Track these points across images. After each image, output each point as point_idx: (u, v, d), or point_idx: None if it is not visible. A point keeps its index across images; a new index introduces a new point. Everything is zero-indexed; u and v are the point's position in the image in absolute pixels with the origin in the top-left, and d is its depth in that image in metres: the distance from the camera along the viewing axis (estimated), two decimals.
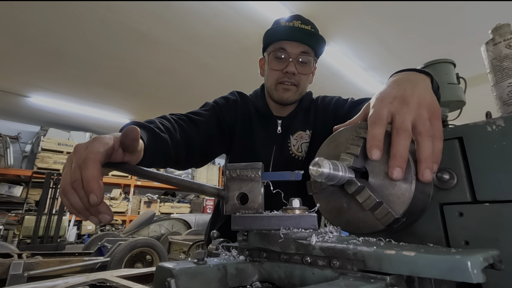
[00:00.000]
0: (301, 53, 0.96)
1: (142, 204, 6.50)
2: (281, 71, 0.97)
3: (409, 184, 0.39)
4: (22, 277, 2.21)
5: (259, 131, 1.05)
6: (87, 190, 0.43)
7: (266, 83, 1.06)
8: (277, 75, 0.99)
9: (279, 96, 1.00)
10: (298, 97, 1.02)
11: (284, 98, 1.00)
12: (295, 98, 1.01)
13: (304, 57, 0.97)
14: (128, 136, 0.49)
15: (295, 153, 1.02)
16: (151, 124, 0.76)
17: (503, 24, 0.57)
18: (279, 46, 0.97)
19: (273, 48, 0.99)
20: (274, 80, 1.00)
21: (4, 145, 5.26)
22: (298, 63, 0.97)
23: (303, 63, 0.98)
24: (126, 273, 0.79)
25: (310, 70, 1.00)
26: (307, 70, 0.99)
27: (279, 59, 0.98)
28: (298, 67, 0.97)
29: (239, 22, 2.92)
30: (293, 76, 0.97)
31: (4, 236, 4.17)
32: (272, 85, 1.01)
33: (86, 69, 3.96)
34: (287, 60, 0.96)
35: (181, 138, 0.86)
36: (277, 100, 1.03)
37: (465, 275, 0.24)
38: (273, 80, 1.00)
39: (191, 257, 3.06)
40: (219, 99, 1.09)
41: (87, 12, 2.84)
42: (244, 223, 0.42)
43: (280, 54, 0.97)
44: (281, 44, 0.97)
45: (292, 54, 0.96)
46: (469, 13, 2.82)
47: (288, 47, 0.96)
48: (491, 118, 0.43)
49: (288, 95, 0.99)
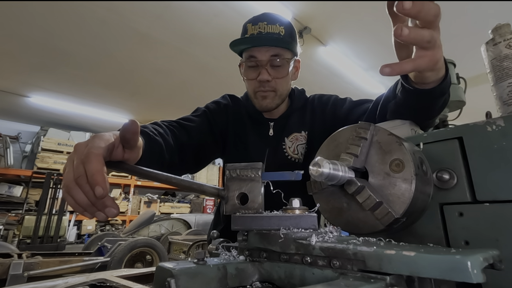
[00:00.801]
0: (271, 57, 0.92)
1: (142, 204, 6.50)
2: (256, 80, 0.94)
3: (409, 184, 0.39)
4: (22, 277, 2.21)
5: (251, 134, 1.03)
6: (92, 183, 0.43)
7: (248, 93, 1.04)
8: (253, 84, 0.96)
9: (259, 104, 0.98)
10: (279, 101, 0.98)
11: (263, 106, 0.97)
12: (276, 103, 0.98)
13: (275, 61, 0.92)
14: (129, 129, 0.49)
15: (292, 156, 1.00)
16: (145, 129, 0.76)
17: (503, 24, 0.57)
18: (249, 54, 0.94)
19: (244, 57, 0.96)
20: (252, 90, 0.97)
21: (4, 145, 5.26)
22: (271, 67, 0.93)
23: (276, 66, 0.93)
24: (126, 273, 0.79)
25: (285, 72, 0.95)
26: (282, 73, 0.94)
27: (251, 68, 0.95)
28: (272, 71, 0.93)
29: (239, 22, 2.91)
30: (268, 83, 0.93)
31: (4, 236, 4.18)
32: (252, 95, 0.99)
33: (86, 69, 3.97)
34: (260, 67, 0.93)
35: (174, 144, 0.86)
36: (259, 109, 1.00)
37: (465, 275, 0.24)
38: (251, 90, 0.98)
39: (191, 257, 3.06)
40: (210, 103, 1.08)
41: (87, 12, 2.84)
42: (244, 223, 0.42)
43: (251, 63, 0.94)
44: (250, 52, 0.93)
45: (263, 61, 0.92)
46: (469, 13, 2.82)
47: (257, 54, 0.92)
48: (491, 118, 0.43)
49: (267, 102, 0.96)
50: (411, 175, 0.39)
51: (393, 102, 0.65)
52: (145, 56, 3.65)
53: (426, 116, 0.63)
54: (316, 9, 2.79)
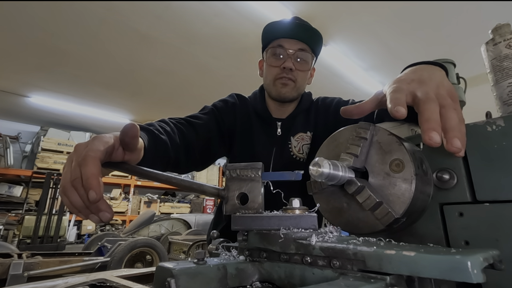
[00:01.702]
0: (298, 50, 0.97)
1: (142, 204, 6.50)
2: (279, 67, 0.98)
3: (409, 184, 0.39)
4: (22, 277, 2.21)
5: (258, 134, 1.04)
6: (86, 186, 0.43)
7: (265, 81, 1.06)
8: (275, 71, 1.00)
9: (277, 91, 1.00)
10: (296, 94, 1.02)
11: (282, 93, 1.00)
12: (293, 95, 1.01)
13: (301, 54, 0.98)
14: (127, 133, 0.49)
15: (296, 155, 1.02)
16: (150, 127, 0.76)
17: (503, 24, 0.57)
18: (277, 43, 0.98)
19: (271, 45, 1.00)
20: (272, 77, 1.00)
21: (4, 145, 5.26)
22: (296, 60, 0.98)
23: (301, 59, 0.99)
24: (126, 273, 0.79)
25: (308, 67, 1.01)
26: (304, 67, 1.00)
27: (277, 56, 0.99)
28: (296, 63, 0.98)
29: (239, 22, 2.92)
30: (291, 72, 0.98)
31: (4, 236, 4.17)
32: (271, 82, 1.01)
33: (86, 69, 3.96)
34: (285, 57, 0.97)
35: (180, 141, 0.86)
36: (275, 97, 1.03)
37: (465, 275, 0.24)
38: (271, 77, 1.01)
39: (191, 257, 3.06)
40: (217, 102, 1.09)
41: (87, 12, 2.84)
42: (244, 223, 0.42)
43: (278, 51, 0.98)
44: (279, 41, 0.98)
45: (290, 50, 0.97)
46: (469, 13, 2.82)
47: (286, 44, 0.97)
48: (491, 118, 0.43)
49: (286, 90, 0.99)
50: (411, 175, 0.39)
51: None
52: (145, 56, 3.64)
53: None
54: (316, 9, 2.79)
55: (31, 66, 3.90)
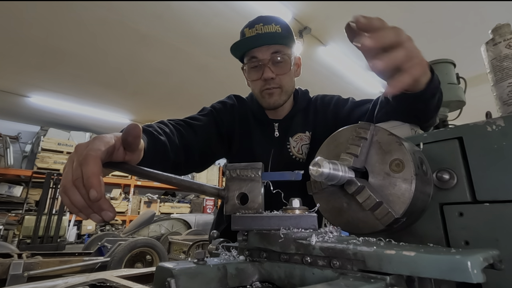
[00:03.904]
0: (272, 55, 0.94)
1: (142, 204, 6.50)
2: (261, 80, 0.96)
3: (409, 184, 0.39)
4: (22, 277, 2.21)
5: (256, 135, 1.04)
6: (87, 185, 0.43)
7: (253, 94, 1.05)
8: (258, 84, 0.98)
9: (266, 102, 0.99)
10: (286, 97, 1.00)
11: (271, 103, 0.98)
12: (283, 99, 1.00)
13: (276, 57, 0.95)
14: (130, 133, 0.49)
15: (296, 155, 1.01)
16: (149, 128, 0.76)
17: (503, 24, 0.57)
18: (250, 56, 0.96)
19: (246, 59, 0.98)
20: (258, 90, 0.99)
21: (4, 145, 5.26)
22: (273, 65, 0.95)
23: (278, 63, 0.95)
24: (126, 273, 0.79)
25: (288, 67, 0.97)
26: (285, 69, 0.97)
27: (254, 68, 0.97)
28: (275, 68, 0.95)
29: (239, 22, 2.91)
30: (273, 81, 0.95)
31: (4, 236, 4.18)
32: (258, 95, 1.00)
33: (86, 69, 3.97)
34: (262, 66, 0.95)
35: (180, 143, 0.86)
36: (267, 107, 1.02)
37: (465, 275, 0.24)
38: (257, 90, 1.00)
39: (191, 257, 3.06)
40: (216, 103, 1.08)
41: (87, 12, 2.84)
42: (244, 223, 0.42)
43: (253, 63, 0.96)
44: (251, 53, 0.96)
45: (264, 59, 0.94)
46: (469, 13, 2.82)
47: (258, 54, 0.94)
48: (491, 118, 0.43)
49: (274, 99, 0.98)
50: (411, 175, 0.39)
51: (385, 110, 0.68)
52: (145, 56, 3.65)
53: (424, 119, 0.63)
54: (316, 9, 2.79)
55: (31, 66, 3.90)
